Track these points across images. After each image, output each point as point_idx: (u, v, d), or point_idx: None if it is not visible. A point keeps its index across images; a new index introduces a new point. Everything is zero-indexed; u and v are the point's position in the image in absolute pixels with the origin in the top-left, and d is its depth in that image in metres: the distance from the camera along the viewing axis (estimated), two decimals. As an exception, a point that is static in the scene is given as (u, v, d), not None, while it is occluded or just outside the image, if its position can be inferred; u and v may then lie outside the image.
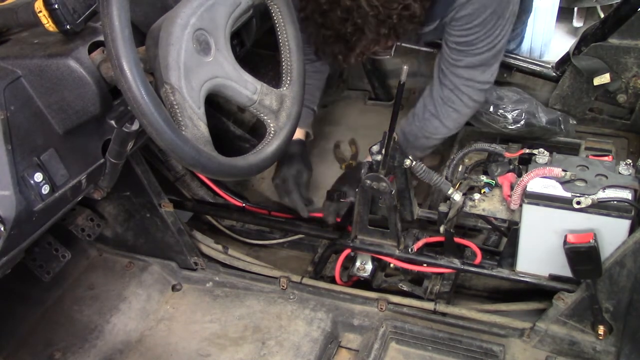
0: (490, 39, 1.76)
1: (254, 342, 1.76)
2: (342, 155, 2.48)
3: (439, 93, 1.89)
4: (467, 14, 1.71)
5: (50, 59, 1.17)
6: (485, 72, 1.84)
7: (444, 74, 1.87)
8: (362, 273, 1.85)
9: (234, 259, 2.03)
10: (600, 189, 1.41)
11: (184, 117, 1.16)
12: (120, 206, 1.95)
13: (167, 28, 1.17)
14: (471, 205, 1.61)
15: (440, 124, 1.93)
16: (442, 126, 1.93)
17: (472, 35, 1.75)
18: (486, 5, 1.69)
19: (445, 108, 1.89)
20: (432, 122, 1.93)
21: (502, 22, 1.74)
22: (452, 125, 1.94)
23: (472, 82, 1.85)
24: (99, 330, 1.84)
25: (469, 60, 1.81)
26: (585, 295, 1.51)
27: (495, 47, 1.78)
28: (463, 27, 1.74)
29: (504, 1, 1.71)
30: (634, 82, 2.13)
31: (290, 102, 1.44)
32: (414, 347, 1.70)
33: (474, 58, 1.80)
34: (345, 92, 2.81)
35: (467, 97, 1.86)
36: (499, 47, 1.80)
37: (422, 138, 1.97)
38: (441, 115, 1.90)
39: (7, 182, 1.10)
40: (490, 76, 1.86)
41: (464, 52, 1.80)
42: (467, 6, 1.69)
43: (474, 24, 1.72)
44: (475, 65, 1.82)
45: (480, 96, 1.90)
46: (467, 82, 1.85)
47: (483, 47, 1.77)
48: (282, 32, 1.44)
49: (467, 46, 1.78)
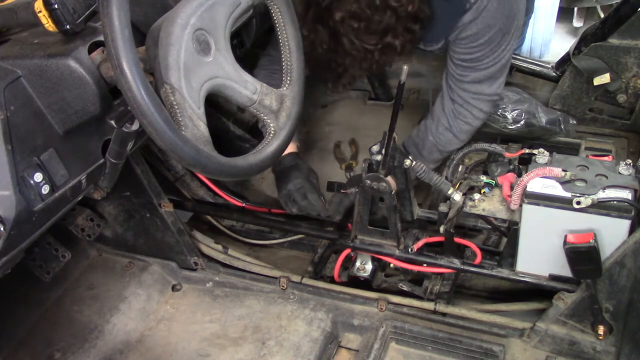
0: (496, 55, 1.75)
1: (254, 342, 1.76)
2: (342, 155, 2.48)
3: (450, 107, 1.89)
4: (472, 34, 1.70)
5: (50, 59, 1.17)
6: (492, 85, 1.83)
7: (452, 90, 1.86)
8: (362, 273, 1.85)
9: (234, 259, 2.03)
10: (600, 189, 1.41)
11: (183, 117, 1.16)
12: (120, 206, 1.95)
13: (167, 28, 1.17)
14: (471, 205, 1.61)
15: (453, 137, 1.93)
16: (456, 139, 1.94)
17: (478, 52, 1.74)
18: (491, 25, 1.67)
19: (457, 122, 1.89)
20: (445, 135, 1.93)
21: (507, 37, 1.73)
22: (464, 137, 1.95)
23: (480, 95, 1.84)
24: (99, 330, 1.84)
25: (475, 75, 1.80)
26: (585, 295, 1.51)
27: (500, 61, 1.77)
28: (468, 46, 1.74)
29: (510, 18, 1.69)
30: (634, 82, 2.13)
31: (290, 102, 1.44)
32: (414, 347, 1.70)
33: (480, 73, 1.79)
34: (345, 92, 2.81)
35: (477, 109, 1.86)
36: (504, 61, 1.79)
37: (436, 152, 1.96)
38: (454, 129, 1.90)
39: (7, 182, 1.10)
40: (497, 88, 1.85)
41: (469, 68, 1.79)
42: (472, 26, 1.68)
43: (479, 42, 1.71)
44: (482, 80, 1.81)
45: (489, 107, 1.90)
46: (475, 95, 1.84)
47: (489, 63, 1.77)
48: (282, 32, 1.44)
49: (472, 62, 1.77)
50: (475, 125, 1.92)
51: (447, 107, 1.89)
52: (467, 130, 1.92)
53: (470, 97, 1.84)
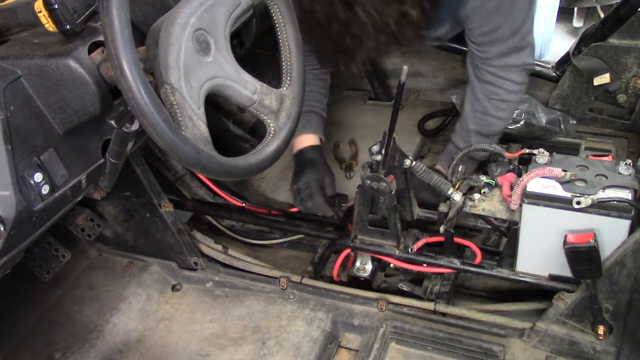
0: (511, 23, 1.71)
1: (254, 342, 1.76)
2: (342, 155, 2.47)
3: (480, 90, 1.86)
4: (478, 5, 1.68)
5: (50, 59, 1.17)
6: (520, 56, 1.78)
7: (479, 70, 1.83)
8: (362, 273, 1.85)
9: (234, 259, 2.03)
10: (600, 189, 1.41)
11: (183, 117, 1.16)
12: (120, 206, 1.95)
13: (167, 28, 1.17)
14: (471, 205, 1.61)
15: (494, 119, 1.89)
16: (497, 119, 1.89)
17: (491, 22, 1.71)
18: None
19: (491, 103, 1.85)
20: (486, 119, 1.90)
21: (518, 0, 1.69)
22: (505, 115, 1.90)
23: (509, 67, 1.80)
24: (99, 330, 1.84)
25: (497, 49, 1.77)
26: (585, 295, 1.51)
27: (520, 30, 1.73)
28: (478, 18, 1.71)
29: None
30: (634, 82, 2.13)
31: (290, 102, 1.44)
32: (413, 347, 1.70)
33: (502, 46, 1.76)
34: (345, 92, 2.81)
35: (510, 82, 1.81)
36: (524, 29, 1.74)
37: (484, 138, 1.93)
38: (491, 111, 1.86)
39: (7, 182, 1.10)
40: (526, 57, 1.79)
41: (490, 43, 1.76)
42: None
43: (487, 10, 1.69)
44: (506, 53, 1.77)
45: (522, 77, 1.83)
46: (504, 70, 1.80)
47: (506, 32, 1.73)
48: (282, 32, 1.44)
49: (490, 35, 1.74)
50: (512, 100, 1.86)
51: (478, 91, 1.86)
52: (505, 107, 1.88)
53: (498, 72, 1.80)
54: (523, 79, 1.85)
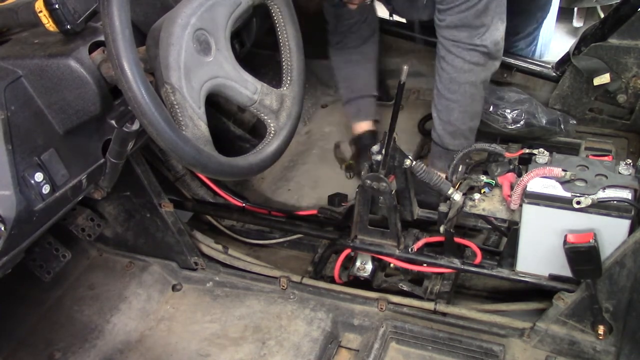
0: None
1: (254, 342, 1.76)
2: (342, 155, 2.47)
3: (437, 69, 1.89)
4: None
5: (51, 59, 1.17)
6: (471, 34, 1.80)
7: (437, 44, 1.85)
8: (362, 273, 1.85)
9: (234, 259, 2.03)
10: (600, 189, 1.41)
11: (184, 117, 1.16)
12: (120, 206, 1.95)
13: (167, 28, 1.17)
14: (471, 205, 1.61)
15: (448, 101, 1.89)
16: (452, 102, 1.89)
17: None
18: None
19: (442, 83, 1.87)
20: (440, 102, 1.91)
21: None
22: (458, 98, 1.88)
23: (457, 43, 1.81)
24: (99, 330, 1.84)
25: (451, 19, 1.79)
26: (585, 295, 1.51)
27: (476, 6, 1.75)
28: None
29: None
30: (634, 82, 2.13)
31: (291, 102, 1.44)
32: (414, 347, 1.70)
33: (455, 17, 1.78)
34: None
35: (460, 59, 1.82)
36: (481, 7, 1.76)
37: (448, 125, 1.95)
38: (444, 92, 1.87)
39: (7, 182, 1.10)
40: (477, 39, 1.80)
41: (445, 11, 1.79)
42: None
43: None
44: (458, 26, 1.79)
45: (474, 57, 1.83)
46: (453, 45, 1.81)
47: (462, 6, 1.76)
48: (282, 32, 1.45)
49: (447, 3, 1.77)
50: (462, 81, 1.86)
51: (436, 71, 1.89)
52: (457, 90, 1.88)
53: (450, 45, 1.82)
54: (473, 59, 1.84)
